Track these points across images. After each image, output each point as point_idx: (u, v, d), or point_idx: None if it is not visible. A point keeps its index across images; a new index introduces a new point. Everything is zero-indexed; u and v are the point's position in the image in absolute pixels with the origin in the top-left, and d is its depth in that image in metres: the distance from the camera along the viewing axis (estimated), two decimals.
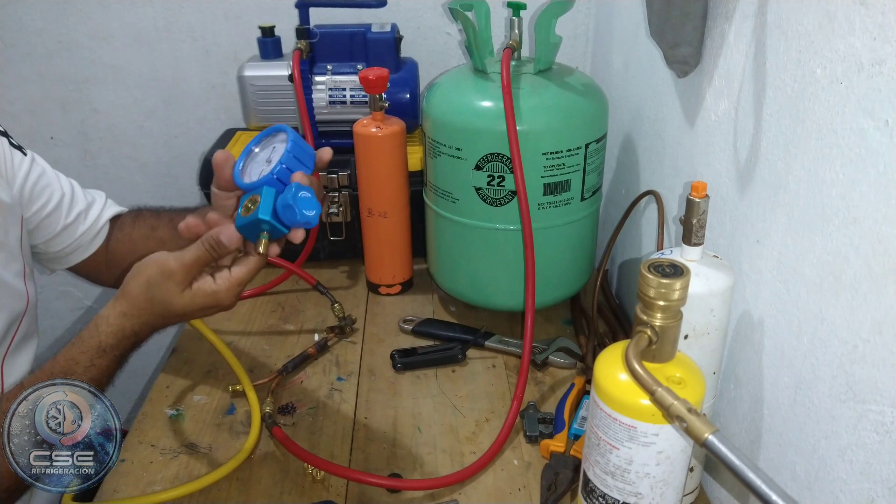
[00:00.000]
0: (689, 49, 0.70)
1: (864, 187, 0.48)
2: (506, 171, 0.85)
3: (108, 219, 0.88)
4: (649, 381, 0.50)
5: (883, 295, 0.46)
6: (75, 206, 0.84)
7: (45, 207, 0.81)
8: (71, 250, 0.86)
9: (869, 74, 0.46)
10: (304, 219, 0.61)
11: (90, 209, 0.86)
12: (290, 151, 0.63)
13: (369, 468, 0.76)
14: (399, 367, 0.91)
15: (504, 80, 0.80)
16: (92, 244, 0.87)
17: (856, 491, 0.50)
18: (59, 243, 0.84)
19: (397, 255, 1.07)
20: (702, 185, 0.59)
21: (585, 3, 1.21)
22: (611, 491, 0.57)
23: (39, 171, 0.82)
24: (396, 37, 1.11)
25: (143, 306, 0.63)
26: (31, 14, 1.19)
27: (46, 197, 0.81)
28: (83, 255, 0.87)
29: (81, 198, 0.86)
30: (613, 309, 1.02)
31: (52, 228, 0.83)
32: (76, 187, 0.86)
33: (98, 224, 0.87)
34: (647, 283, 0.52)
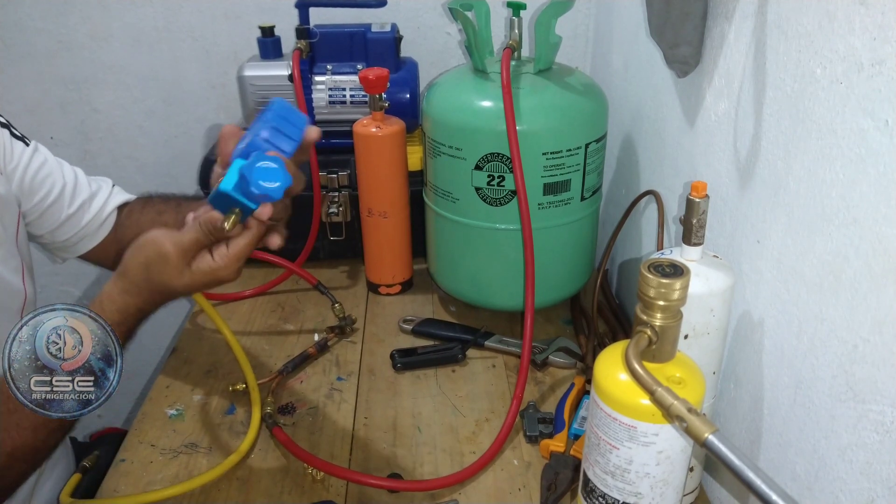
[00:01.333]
0: (689, 49, 0.70)
1: (864, 187, 0.48)
2: (506, 170, 0.85)
3: (114, 207, 0.86)
4: (649, 381, 0.50)
5: (883, 295, 0.46)
6: (79, 195, 0.84)
7: (48, 197, 0.81)
8: (77, 239, 0.85)
9: (869, 74, 0.46)
10: (262, 190, 0.57)
11: (95, 198, 0.85)
12: (265, 120, 0.59)
13: (369, 468, 0.76)
14: (399, 367, 0.91)
15: (504, 79, 0.80)
16: (98, 233, 0.86)
17: (856, 491, 0.50)
18: (64, 233, 0.84)
19: (397, 255, 1.07)
20: (702, 185, 0.59)
21: (585, 3, 1.21)
22: (611, 491, 0.57)
23: (41, 160, 0.81)
24: (396, 37, 1.11)
25: (142, 286, 0.62)
26: (31, 14, 1.19)
27: (48, 187, 0.81)
28: (91, 243, 0.86)
29: (86, 186, 0.85)
30: (613, 309, 1.02)
31: (57, 218, 0.82)
32: (80, 176, 0.85)
33: (104, 213, 0.85)
34: (647, 283, 0.52)
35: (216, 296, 1.08)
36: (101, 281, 1.46)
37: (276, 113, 0.60)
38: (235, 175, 0.57)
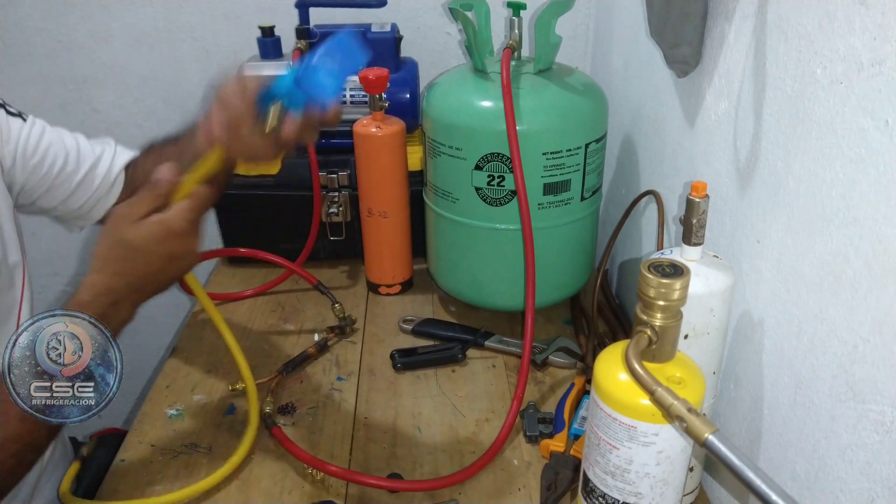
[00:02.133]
0: (689, 49, 0.70)
1: (864, 187, 0.48)
2: (506, 170, 0.85)
3: (121, 166, 0.85)
4: (649, 381, 0.50)
5: (883, 295, 0.46)
6: (84, 160, 0.82)
7: (54, 167, 0.79)
8: (91, 205, 0.84)
9: (869, 74, 0.46)
10: (322, 87, 0.57)
11: (100, 161, 0.84)
12: (323, 52, 0.58)
13: (369, 468, 0.76)
14: (399, 366, 0.91)
15: (504, 79, 0.80)
16: (110, 195, 0.84)
17: (856, 491, 0.50)
18: (76, 200, 0.83)
19: (397, 255, 1.07)
20: (702, 185, 0.59)
21: (585, 3, 1.21)
22: (611, 491, 0.57)
23: (39, 132, 0.79)
24: (396, 37, 1.11)
25: (105, 255, 0.62)
26: (31, 14, 1.19)
27: (52, 157, 0.79)
28: (104, 206, 0.85)
29: (89, 150, 0.83)
30: (613, 309, 1.02)
31: (67, 187, 0.81)
32: (82, 141, 0.84)
33: (112, 173, 0.84)
34: (647, 283, 0.52)
35: (216, 295, 1.08)
36: None
37: (332, 43, 0.59)
38: (291, 75, 0.58)
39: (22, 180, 0.78)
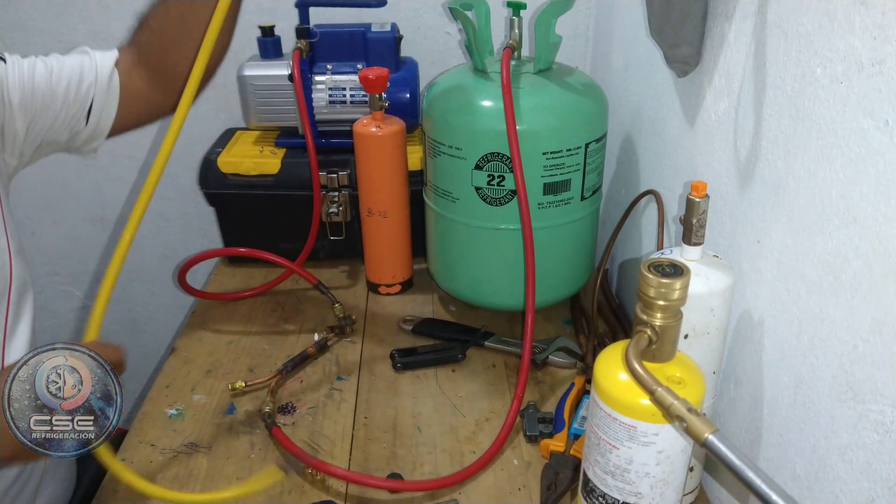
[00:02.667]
0: (689, 49, 0.70)
1: (864, 187, 0.48)
2: (506, 170, 0.85)
3: (109, 69, 0.82)
4: (649, 381, 0.50)
5: (883, 295, 0.46)
6: (73, 79, 0.79)
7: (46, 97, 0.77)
8: (96, 119, 0.81)
9: (869, 74, 0.46)
10: None
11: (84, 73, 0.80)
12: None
13: (369, 468, 0.76)
14: (399, 366, 0.91)
15: (504, 79, 0.80)
16: (110, 99, 0.82)
17: (856, 491, 0.50)
18: (80, 120, 0.80)
19: (397, 255, 1.07)
20: (702, 184, 0.59)
21: (585, 3, 1.21)
22: (611, 490, 0.57)
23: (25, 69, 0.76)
24: (396, 36, 1.11)
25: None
26: (31, 14, 1.19)
27: (42, 88, 0.76)
28: (110, 114, 0.82)
29: (69, 67, 0.80)
30: (613, 309, 1.02)
31: (68, 110, 0.79)
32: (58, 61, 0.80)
33: (102, 80, 0.81)
34: (647, 282, 0.52)
35: (217, 296, 1.08)
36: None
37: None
38: None
39: (23, 124, 0.76)
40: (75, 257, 1.42)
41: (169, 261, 1.43)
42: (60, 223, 1.37)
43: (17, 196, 0.83)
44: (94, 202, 1.37)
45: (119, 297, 1.48)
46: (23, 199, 1.30)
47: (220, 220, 1.14)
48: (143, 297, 1.48)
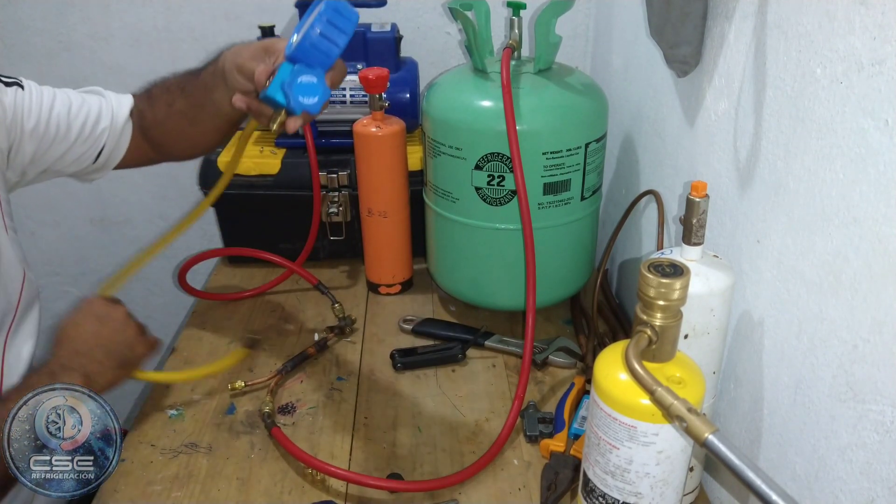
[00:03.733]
0: (689, 49, 0.70)
1: (864, 187, 0.48)
2: (506, 170, 0.85)
3: (125, 117, 0.85)
4: (649, 381, 0.50)
5: (883, 295, 0.46)
6: (89, 118, 0.82)
7: (59, 131, 0.79)
8: (104, 159, 0.84)
9: (869, 74, 0.46)
10: (301, 107, 0.61)
11: (101, 116, 0.83)
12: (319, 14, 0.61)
13: (369, 468, 0.76)
14: (399, 366, 0.91)
15: (504, 79, 0.80)
16: (120, 143, 0.85)
17: (856, 491, 0.50)
18: (88, 158, 0.83)
19: (397, 255, 1.07)
20: (702, 184, 0.59)
21: (585, 3, 1.21)
22: (611, 490, 0.57)
23: (38, 98, 0.78)
24: (396, 36, 1.11)
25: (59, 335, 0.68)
26: (31, 14, 1.19)
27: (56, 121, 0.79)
28: (118, 156, 0.86)
29: (87, 106, 0.82)
30: (613, 309, 1.02)
31: (78, 147, 0.81)
32: (76, 98, 0.82)
33: (118, 125, 0.84)
34: (647, 282, 0.52)
35: (217, 296, 1.08)
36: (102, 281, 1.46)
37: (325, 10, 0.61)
38: (279, 81, 0.61)
39: (31, 150, 0.77)
40: (75, 257, 1.42)
41: (169, 261, 1.43)
42: (60, 223, 1.37)
43: (17, 196, 0.83)
44: (94, 202, 1.37)
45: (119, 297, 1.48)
46: (23, 199, 1.29)
47: (219, 220, 1.14)
48: (143, 297, 1.48)
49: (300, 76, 0.60)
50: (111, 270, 1.43)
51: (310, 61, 0.62)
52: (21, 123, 0.75)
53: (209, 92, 0.80)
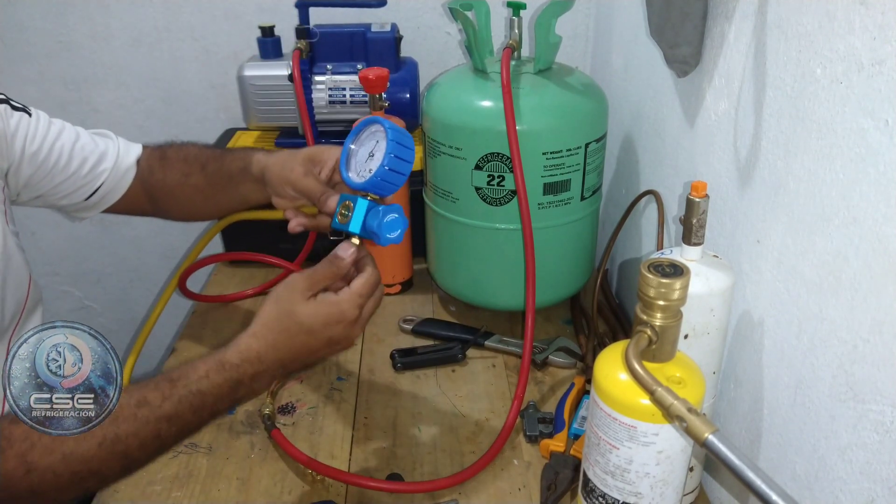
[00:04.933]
0: (689, 49, 0.70)
1: (864, 187, 0.48)
2: (506, 170, 0.85)
3: (130, 164, 0.85)
4: (649, 381, 0.50)
5: (883, 295, 0.46)
6: (90, 155, 0.82)
7: (59, 162, 0.79)
8: (98, 199, 0.84)
9: (869, 74, 0.46)
10: (388, 242, 0.65)
11: (106, 156, 0.83)
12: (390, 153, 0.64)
13: (369, 468, 0.76)
14: (399, 366, 0.91)
15: (504, 79, 0.80)
16: (118, 188, 0.85)
17: (856, 491, 0.50)
18: (82, 194, 0.82)
19: (397, 255, 1.07)
20: (702, 184, 0.59)
21: (585, 3, 1.21)
22: (611, 490, 0.57)
23: (45, 128, 0.79)
24: (396, 36, 1.11)
25: (270, 324, 0.62)
26: (31, 14, 1.19)
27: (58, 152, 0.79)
28: (112, 199, 0.85)
29: (94, 145, 0.83)
30: (613, 309, 1.02)
31: (74, 181, 0.81)
32: (84, 135, 0.83)
33: (120, 169, 0.84)
34: (647, 282, 0.52)
35: (216, 298, 1.08)
36: (102, 282, 1.47)
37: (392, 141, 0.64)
38: (361, 218, 0.64)
39: (28, 174, 0.78)
40: (75, 257, 1.42)
41: (169, 261, 1.43)
42: (60, 223, 1.37)
43: None
44: None
45: (119, 297, 1.48)
46: None
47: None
48: (143, 297, 1.48)
49: (387, 216, 0.64)
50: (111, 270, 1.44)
51: (380, 192, 0.65)
52: (22, 146, 0.76)
53: (235, 184, 0.82)
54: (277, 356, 0.62)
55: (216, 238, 1.15)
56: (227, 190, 0.83)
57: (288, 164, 0.75)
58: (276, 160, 0.77)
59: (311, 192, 0.74)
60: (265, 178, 0.78)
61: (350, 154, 0.68)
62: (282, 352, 0.62)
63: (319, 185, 0.74)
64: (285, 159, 0.76)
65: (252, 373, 0.61)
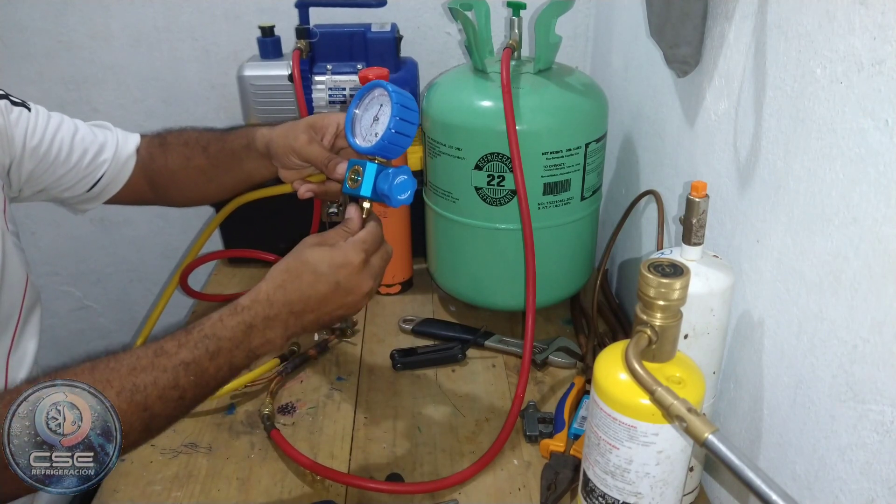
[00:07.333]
0: (689, 49, 0.70)
1: (864, 187, 0.48)
2: (506, 170, 0.85)
3: (130, 153, 0.85)
4: (649, 381, 0.50)
5: (883, 295, 0.46)
6: (90, 147, 0.82)
7: (60, 155, 0.79)
8: (99, 190, 0.84)
9: (869, 74, 0.46)
10: (399, 203, 0.65)
11: (105, 147, 0.84)
12: (395, 116, 0.64)
13: (369, 468, 0.76)
14: (399, 366, 0.91)
15: (504, 79, 0.80)
16: (119, 179, 0.85)
17: (856, 491, 0.50)
18: (83, 185, 0.83)
19: (397, 255, 1.06)
20: (702, 184, 0.59)
21: (585, 3, 1.21)
22: (611, 490, 0.57)
23: (45, 121, 0.79)
24: (396, 36, 1.11)
25: (279, 268, 0.63)
26: (31, 14, 1.19)
27: (58, 145, 0.79)
28: (113, 190, 0.85)
29: (93, 137, 0.83)
30: (613, 309, 1.02)
31: (75, 174, 0.81)
32: (83, 127, 0.83)
33: (120, 160, 0.84)
34: (647, 282, 0.52)
35: (216, 297, 1.08)
36: (102, 282, 1.47)
37: (397, 104, 0.64)
38: (371, 181, 0.65)
39: (30, 168, 0.78)
40: (75, 257, 1.42)
41: (169, 260, 1.43)
42: (60, 223, 1.37)
43: None
44: None
45: (119, 296, 1.48)
46: None
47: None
48: (143, 296, 1.48)
49: (397, 177, 0.65)
50: (111, 270, 1.44)
51: (387, 155, 0.66)
52: (23, 140, 0.76)
53: (239, 161, 0.82)
54: (286, 297, 0.61)
55: (216, 237, 1.15)
56: (231, 169, 0.83)
57: (291, 134, 0.76)
58: (279, 132, 0.78)
59: (317, 159, 0.75)
60: (270, 150, 0.78)
61: (354, 119, 0.68)
62: (290, 292, 0.62)
63: (324, 151, 0.75)
64: (288, 130, 0.77)
65: (263, 315, 0.61)
